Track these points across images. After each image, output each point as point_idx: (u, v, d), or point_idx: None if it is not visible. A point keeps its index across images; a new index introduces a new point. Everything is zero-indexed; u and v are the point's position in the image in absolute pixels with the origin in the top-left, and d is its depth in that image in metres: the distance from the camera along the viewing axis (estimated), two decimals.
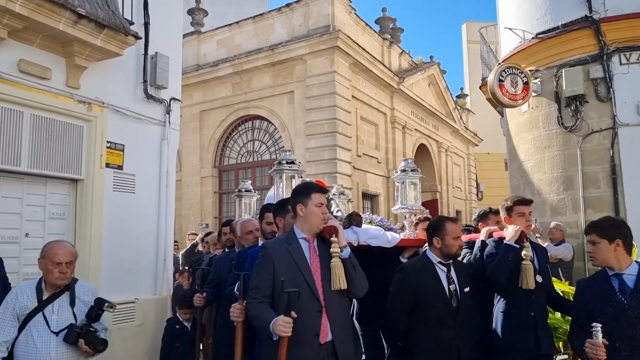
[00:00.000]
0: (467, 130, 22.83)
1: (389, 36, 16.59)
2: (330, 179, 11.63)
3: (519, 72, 7.24)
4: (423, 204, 17.23)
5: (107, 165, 6.28)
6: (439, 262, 3.38)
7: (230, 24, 14.72)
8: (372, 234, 3.81)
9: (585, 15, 6.86)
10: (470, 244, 3.87)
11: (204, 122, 14.97)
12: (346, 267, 2.86)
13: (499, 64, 7.85)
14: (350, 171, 13.16)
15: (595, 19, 6.77)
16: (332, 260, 2.84)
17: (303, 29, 13.24)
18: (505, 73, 7.19)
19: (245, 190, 5.98)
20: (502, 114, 9.26)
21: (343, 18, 13.29)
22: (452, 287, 3.33)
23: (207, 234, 7.08)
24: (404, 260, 3.91)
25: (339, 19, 13.04)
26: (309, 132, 12.94)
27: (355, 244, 3.63)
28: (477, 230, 4.17)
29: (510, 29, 7.70)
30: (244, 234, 4.31)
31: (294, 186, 4.09)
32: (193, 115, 15.02)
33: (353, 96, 13.66)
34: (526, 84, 7.23)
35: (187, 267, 6.85)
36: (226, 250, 5.06)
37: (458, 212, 21.97)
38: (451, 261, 3.41)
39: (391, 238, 3.87)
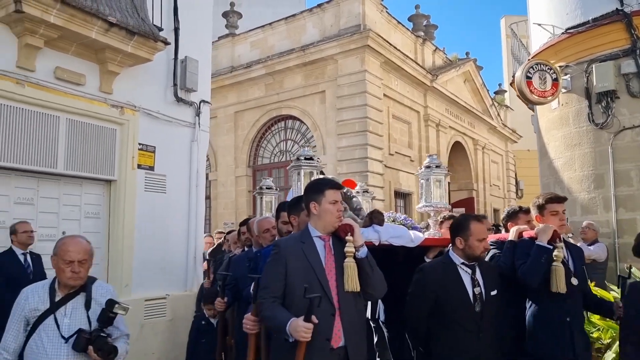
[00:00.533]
0: (505, 127, 22.36)
1: (422, 33, 16.47)
2: (361, 178, 11.66)
3: (548, 69, 7.10)
4: (458, 202, 17.04)
5: (139, 166, 6.55)
6: (463, 263, 3.13)
7: (263, 26, 14.95)
8: (394, 232, 3.66)
9: (616, 8, 6.66)
10: (499, 244, 3.63)
11: (238, 123, 15.25)
12: (362, 267, 2.71)
13: (529, 60, 7.71)
14: (381, 170, 13.16)
15: (627, 12, 6.58)
16: (345, 260, 2.70)
17: (334, 28, 13.31)
18: (534, 69, 7.07)
19: (266, 188, 5.86)
20: (533, 110, 9.09)
21: (374, 17, 13.29)
22: (476, 290, 3.07)
23: (228, 232, 7.02)
24: (428, 260, 3.73)
25: (370, 18, 13.05)
26: (340, 132, 13.02)
27: (377, 243, 3.50)
28: (506, 230, 3.97)
29: (540, 25, 7.55)
30: (261, 233, 4.22)
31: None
32: (228, 116, 15.34)
33: (385, 95, 13.65)
34: (555, 80, 7.08)
35: (207, 267, 6.86)
36: (245, 249, 4.94)
37: (496, 211, 21.57)
38: (476, 262, 3.14)
39: (414, 237, 3.72)
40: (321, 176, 4.42)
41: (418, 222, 5.58)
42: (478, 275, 3.12)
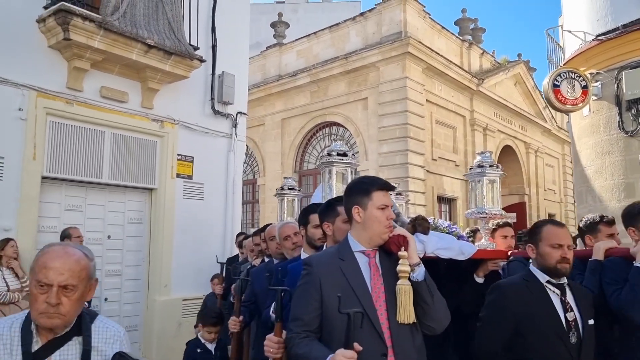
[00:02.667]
0: (561, 130, 21.67)
1: (469, 37, 16.36)
2: (403, 184, 11.80)
3: (577, 76, 7.02)
4: (508, 207, 16.55)
5: (178, 175, 7.08)
6: (548, 282, 2.47)
7: (308, 35, 15.38)
8: (442, 243, 3.11)
9: None
10: (576, 264, 2.81)
11: (285, 129, 15.75)
12: (420, 292, 2.12)
13: (562, 66, 7.65)
14: (423, 175, 13.22)
15: None
16: (398, 283, 2.11)
17: (376, 36, 13.53)
18: (561, 77, 7.02)
19: (288, 188, 5.12)
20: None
21: (416, 23, 13.39)
22: (569, 315, 2.41)
23: (245, 238, 5.87)
24: (479, 279, 3.21)
25: (412, 25, 13.16)
26: (382, 137, 13.20)
27: (421, 256, 2.88)
28: (584, 243, 3.37)
29: (570, 32, 7.48)
30: (282, 240, 3.60)
31: (346, 183, 3.37)
32: (275, 123, 15.87)
33: (428, 100, 13.70)
34: (585, 87, 7.00)
35: (220, 273, 6.21)
36: (265, 260, 4.17)
37: (551, 216, 20.96)
38: (566, 281, 2.48)
39: (464, 249, 3.15)
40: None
41: (463, 230, 4.95)
42: (570, 298, 2.46)
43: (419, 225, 3.19)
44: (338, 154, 3.87)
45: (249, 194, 17.05)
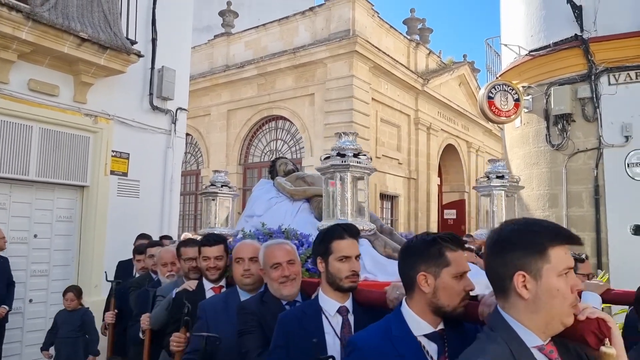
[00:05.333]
0: (501, 130, 22.44)
1: (417, 37, 16.61)
2: None
3: (510, 89, 7.31)
4: (450, 204, 17.15)
5: (112, 172, 6.88)
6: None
7: (257, 26, 15.18)
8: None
9: (575, 34, 6.85)
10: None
11: (230, 121, 15.55)
12: None
13: (497, 77, 7.93)
14: None
15: (585, 38, 6.76)
16: None
17: (325, 32, 13.52)
18: (495, 90, 7.28)
19: (222, 185, 3.93)
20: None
21: (365, 22, 13.48)
22: None
23: (148, 244, 4.55)
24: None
25: (360, 23, 13.24)
26: (327, 134, 13.25)
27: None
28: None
29: (506, 45, 7.75)
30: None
31: (359, 195, 2.61)
32: (221, 114, 15.63)
33: (373, 99, 13.85)
34: (517, 100, 7.29)
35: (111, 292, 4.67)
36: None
37: (488, 214, 21.77)
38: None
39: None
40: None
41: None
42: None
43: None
44: (354, 155, 2.76)
45: (192, 185, 16.78)
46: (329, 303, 2.00)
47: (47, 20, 5.55)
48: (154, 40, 7.45)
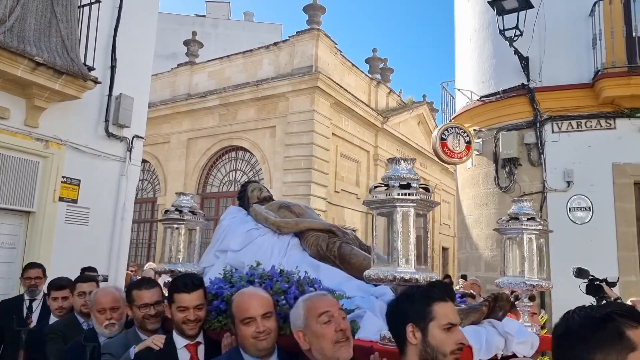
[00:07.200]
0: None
1: (378, 76, 17.09)
2: None
3: (462, 132, 7.59)
4: None
5: (61, 198, 6.69)
6: None
7: (221, 57, 15.33)
8: (522, 335, 2.21)
9: (522, 83, 7.24)
10: None
11: (190, 150, 15.47)
12: None
13: (451, 120, 8.23)
14: (324, 207, 13.50)
15: (531, 87, 7.15)
16: None
17: (288, 67, 13.77)
18: (448, 132, 7.56)
19: (189, 211, 3.28)
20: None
21: (327, 59, 13.80)
22: None
23: (85, 279, 3.71)
24: None
25: (323, 60, 13.55)
26: (287, 167, 13.35)
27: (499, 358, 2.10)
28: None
29: (459, 90, 8.10)
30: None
31: (411, 231, 2.09)
32: (181, 142, 15.55)
33: (334, 134, 14.09)
34: (468, 143, 7.57)
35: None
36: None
37: (445, 249, 22.19)
38: None
39: (534, 339, 2.29)
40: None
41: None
42: None
43: (501, 308, 2.16)
44: (401, 186, 2.13)
45: (147, 212, 16.47)
46: None
47: (1, 42, 5.47)
48: (112, 67, 7.40)
